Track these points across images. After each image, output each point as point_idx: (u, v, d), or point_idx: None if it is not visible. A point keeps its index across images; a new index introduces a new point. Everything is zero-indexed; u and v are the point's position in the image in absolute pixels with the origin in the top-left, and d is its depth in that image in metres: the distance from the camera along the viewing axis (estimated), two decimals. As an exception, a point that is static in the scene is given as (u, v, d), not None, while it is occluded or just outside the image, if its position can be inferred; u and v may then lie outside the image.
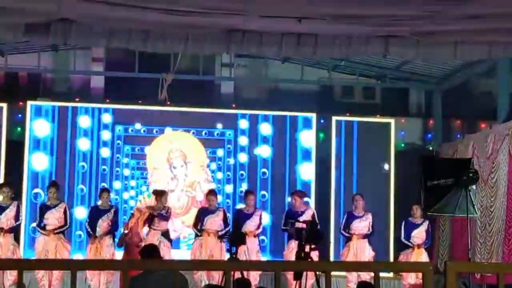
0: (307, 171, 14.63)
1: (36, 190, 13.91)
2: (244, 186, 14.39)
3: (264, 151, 14.66)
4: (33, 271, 12.15)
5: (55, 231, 12.40)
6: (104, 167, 14.33)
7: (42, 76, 15.35)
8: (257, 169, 14.61)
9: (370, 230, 13.02)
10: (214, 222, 12.74)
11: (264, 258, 13.48)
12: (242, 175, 14.63)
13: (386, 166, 14.70)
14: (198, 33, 10.22)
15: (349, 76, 15.87)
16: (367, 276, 11.31)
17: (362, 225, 12.97)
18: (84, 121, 14.29)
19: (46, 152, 14.12)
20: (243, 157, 14.62)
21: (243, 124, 14.63)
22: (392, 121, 15.03)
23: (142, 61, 14.47)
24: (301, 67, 15.18)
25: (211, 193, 13.07)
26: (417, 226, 12.95)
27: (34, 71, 15.00)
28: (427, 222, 12.94)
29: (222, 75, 15.72)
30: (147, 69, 14.49)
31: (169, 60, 14.08)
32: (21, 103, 14.27)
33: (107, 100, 14.66)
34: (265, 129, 14.67)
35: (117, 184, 14.32)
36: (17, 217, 12.47)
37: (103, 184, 13.92)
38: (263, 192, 14.42)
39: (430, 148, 15.43)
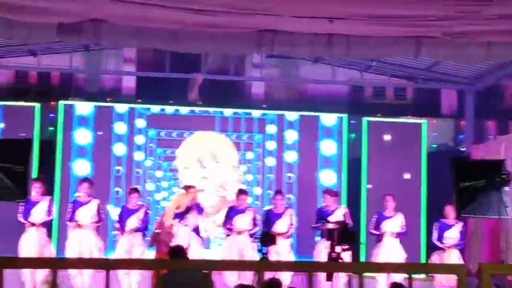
0: (334, 174, 14.61)
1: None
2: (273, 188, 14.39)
3: (291, 154, 14.65)
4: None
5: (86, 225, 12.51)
6: (138, 169, 14.42)
7: (74, 76, 15.44)
8: (283, 172, 14.61)
9: (403, 229, 12.93)
10: (244, 221, 12.75)
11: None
12: (269, 177, 14.65)
13: (407, 175, 14.65)
14: (229, 33, 10.23)
15: (381, 76, 15.78)
16: (397, 276, 11.26)
17: (392, 225, 12.89)
18: (118, 127, 14.37)
19: (83, 155, 14.22)
20: (271, 161, 14.62)
21: (272, 128, 14.62)
22: (423, 122, 14.95)
23: (173, 61, 14.50)
24: (332, 68, 15.14)
25: (242, 192, 13.09)
26: (450, 227, 12.83)
27: (66, 71, 15.11)
28: (460, 223, 12.81)
29: (252, 76, 15.71)
30: (178, 69, 14.52)
31: (200, 60, 14.11)
32: (53, 103, 14.38)
33: (139, 100, 14.71)
34: (294, 131, 14.65)
35: (149, 186, 14.39)
36: (49, 212, 12.59)
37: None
38: (289, 196, 14.39)
39: (462, 149, 15.31)
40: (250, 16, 9.69)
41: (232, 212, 12.83)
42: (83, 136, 14.33)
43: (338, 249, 10.26)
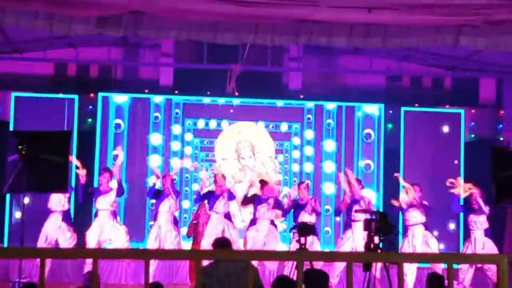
0: (371, 163, 14.59)
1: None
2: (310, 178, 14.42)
3: (330, 143, 14.67)
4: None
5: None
6: (174, 159, 14.50)
7: (113, 68, 15.56)
8: (320, 162, 14.63)
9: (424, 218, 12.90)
10: (266, 211, 12.78)
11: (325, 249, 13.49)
12: (307, 167, 14.67)
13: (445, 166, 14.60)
14: (267, 24, 10.23)
15: (418, 66, 15.68)
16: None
17: (415, 213, 12.82)
18: (156, 118, 14.50)
19: (117, 143, 14.35)
20: (309, 150, 14.65)
21: (310, 117, 14.66)
22: (462, 111, 14.85)
23: (211, 52, 14.55)
24: (369, 58, 15.08)
25: (262, 182, 13.10)
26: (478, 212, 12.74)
27: (105, 64, 15.23)
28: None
29: (290, 66, 15.70)
30: (215, 61, 14.57)
31: (237, 51, 14.15)
32: (92, 95, 14.52)
33: (176, 92, 14.79)
34: (333, 121, 14.67)
35: (186, 176, 14.48)
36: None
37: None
38: (329, 184, 14.39)
39: (501, 139, 15.18)
40: (288, 7, 9.68)
41: (257, 202, 12.87)
42: (120, 127, 14.46)
43: (376, 240, 10.22)
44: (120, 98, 14.51)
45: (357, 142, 14.71)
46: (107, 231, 12.61)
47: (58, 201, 12.57)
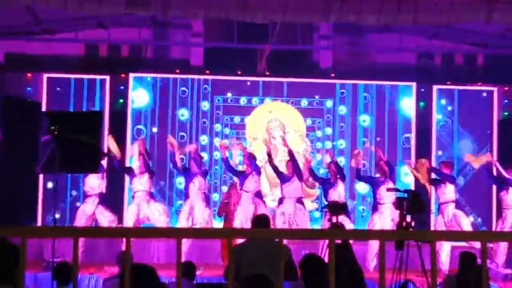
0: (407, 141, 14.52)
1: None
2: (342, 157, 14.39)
3: (363, 120, 14.62)
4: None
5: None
6: (203, 136, 14.54)
7: (143, 49, 15.59)
8: (357, 139, 14.57)
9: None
10: (291, 189, 12.77)
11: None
12: (341, 144, 14.65)
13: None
14: (296, 2, 10.19)
15: (450, 43, 15.52)
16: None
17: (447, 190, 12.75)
18: (184, 92, 14.53)
19: (147, 123, 14.41)
20: (342, 126, 14.62)
21: (342, 93, 14.62)
22: (495, 89, 14.71)
23: (241, 31, 14.50)
24: (399, 35, 14.95)
25: (288, 161, 13.10)
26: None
27: (135, 44, 15.26)
28: None
29: (320, 45, 15.61)
30: (245, 40, 14.52)
31: (267, 30, 14.09)
32: (123, 75, 14.56)
33: (207, 72, 14.79)
34: (364, 98, 14.62)
35: (215, 154, 14.50)
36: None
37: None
38: (363, 161, 14.34)
39: (534, 117, 15.02)
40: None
41: (281, 181, 12.87)
42: (150, 106, 14.50)
43: (408, 218, 10.17)
44: (151, 78, 14.56)
45: (388, 121, 14.62)
46: (144, 211, 12.69)
47: (94, 185, 12.66)
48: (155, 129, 14.47)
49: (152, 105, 14.52)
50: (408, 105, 14.63)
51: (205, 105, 14.60)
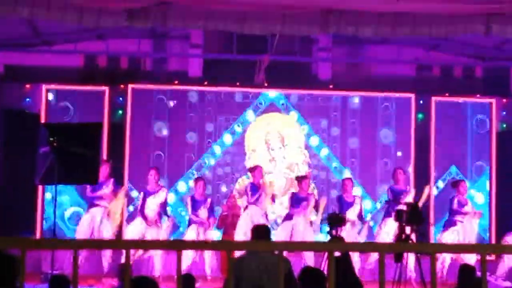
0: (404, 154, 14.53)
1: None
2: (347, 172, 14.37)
3: (353, 140, 14.64)
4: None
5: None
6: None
7: (142, 60, 15.61)
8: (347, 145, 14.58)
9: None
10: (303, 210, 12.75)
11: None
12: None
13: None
14: (295, 14, 10.21)
15: (448, 55, 15.55)
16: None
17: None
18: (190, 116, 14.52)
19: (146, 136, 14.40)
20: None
21: (337, 106, 14.59)
22: (493, 101, 14.72)
23: (240, 43, 14.52)
24: (398, 47, 14.97)
25: (302, 179, 13.06)
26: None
27: (134, 55, 15.28)
28: None
29: (318, 57, 15.63)
30: (244, 51, 14.54)
31: (266, 42, 14.11)
32: (122, 87, 14.56)
33: (205, 83, 14.79)
34: (360, 110, 14.61)
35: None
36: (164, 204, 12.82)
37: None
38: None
39: (533, 128, 15.03)
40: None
41: (293, 199, 12.86)
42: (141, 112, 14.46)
43: (407, 230, 10.18)
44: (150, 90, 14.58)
45: (389, 133, 14.64)
46: (149, 230, 12.65)
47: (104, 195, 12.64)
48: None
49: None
50: (405, 117, 14.63)
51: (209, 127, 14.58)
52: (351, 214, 12.61)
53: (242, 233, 12.44)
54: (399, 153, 14.51)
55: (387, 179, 13.83)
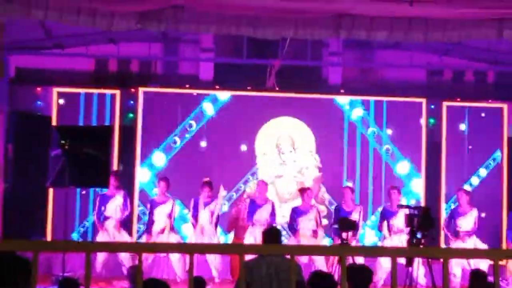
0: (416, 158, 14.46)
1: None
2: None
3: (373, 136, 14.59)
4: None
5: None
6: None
7: (153, 64, 15.63)
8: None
9: (476, 225, 12.77)
10: (308, 223, 12.71)
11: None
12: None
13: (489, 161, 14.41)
14: (307, 19, 10.20)
15: (460, 60, 15.50)
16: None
17: (466, 222, 12.73)
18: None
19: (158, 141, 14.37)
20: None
21: (349, 112, 14.53)
22: (505, 106, 14.66)
23: (251, 47, 14.53)
24: (410, 52, 14.94)
25: (304, 191, 13.02)
26: None
27: (145, 59, 15.30)
28: None
29: (330, 61, 15.61)
30: (255, 55, 14.54)
31: (277, 46, 14.11)
32: (133, 90, 14.57)
33: (216, 87, 14.79)
34: (375, 116, 14.55)
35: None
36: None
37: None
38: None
39: (545, 134, 14.94)
40: (328, 1, 9.64)
41: (296, 213, 12.83)
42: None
43: (418, 235, 10.16)
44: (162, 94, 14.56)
45: (398, 138, 14.58)
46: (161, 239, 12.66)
47: (114, 209, 12.64)
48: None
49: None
50: (417, 122, 14.57)
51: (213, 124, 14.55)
52: None
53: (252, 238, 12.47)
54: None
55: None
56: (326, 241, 13.33)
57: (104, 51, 15.03)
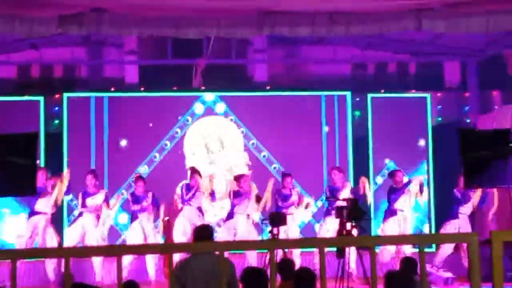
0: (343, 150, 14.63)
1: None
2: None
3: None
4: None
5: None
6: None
7: (77, 68, 15.46)
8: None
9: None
10: (243, 205, 12.77)
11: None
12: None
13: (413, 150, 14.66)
14: (229, 17, 10.24)
15: (383, 53, 15.74)
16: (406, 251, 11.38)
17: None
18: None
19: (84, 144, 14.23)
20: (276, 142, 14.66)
21: (279, 106, 14.59)
22: (428, 95, 14.94)
23: (175, 47, 14.49)
24: (333, 47, 15.11)
25: (238, 177, 13.08)
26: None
27: (69, 64, 15.13)
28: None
29: (255, 58, 15.68)
30: (180, 56, 14.52)
31: (201, 45, 14.11)
32: (57, 96, 14.38)
33: (142, 89, 14.71)
34: (297, 110, 14.65)
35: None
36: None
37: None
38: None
39: (468, 121, 15.29)
40: (250, -1, 9.71)
41: (235, 194, 12.88)
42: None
43: (348, 226, 10.29)
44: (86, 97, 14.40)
45: (325, 130, 14.72)
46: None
47: (45, 203, 12.49)
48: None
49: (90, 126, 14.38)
50: (343, 115, 14.73)
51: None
52: (292, 208, 12.71)
53: (180, 234, 12.44)
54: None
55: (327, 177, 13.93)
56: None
57: (26, 57, 14.81)
